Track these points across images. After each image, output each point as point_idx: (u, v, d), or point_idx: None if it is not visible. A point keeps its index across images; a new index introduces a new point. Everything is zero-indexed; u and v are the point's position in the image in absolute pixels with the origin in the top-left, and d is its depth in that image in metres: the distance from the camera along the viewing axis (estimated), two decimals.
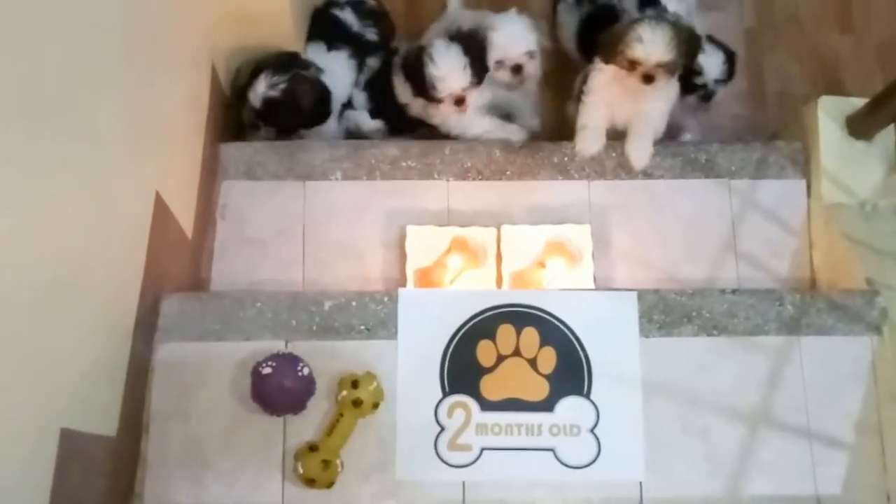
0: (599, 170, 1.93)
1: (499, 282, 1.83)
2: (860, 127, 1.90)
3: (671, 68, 1.77)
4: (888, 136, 1.90)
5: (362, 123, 2.11)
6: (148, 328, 1.56)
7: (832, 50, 2.38)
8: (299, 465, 1.50)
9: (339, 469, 1.50)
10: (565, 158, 1.93)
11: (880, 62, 2.36)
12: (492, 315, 1.62)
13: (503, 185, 1.93)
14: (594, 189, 1.92)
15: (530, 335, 1.61)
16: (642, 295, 1.64)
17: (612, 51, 1.78)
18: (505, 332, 1.61)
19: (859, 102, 1.91)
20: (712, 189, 1.93)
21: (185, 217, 1.72)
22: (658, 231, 1.90)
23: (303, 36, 2.09)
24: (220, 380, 1.56)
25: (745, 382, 1.60)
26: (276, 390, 1.50)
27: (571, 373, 1.59)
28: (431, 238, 1.86)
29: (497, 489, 1.54)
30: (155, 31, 1.53)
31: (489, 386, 1.58)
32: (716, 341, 1.62)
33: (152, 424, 1.54)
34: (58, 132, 1.15)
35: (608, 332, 1.62)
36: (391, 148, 1.95)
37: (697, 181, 1.93)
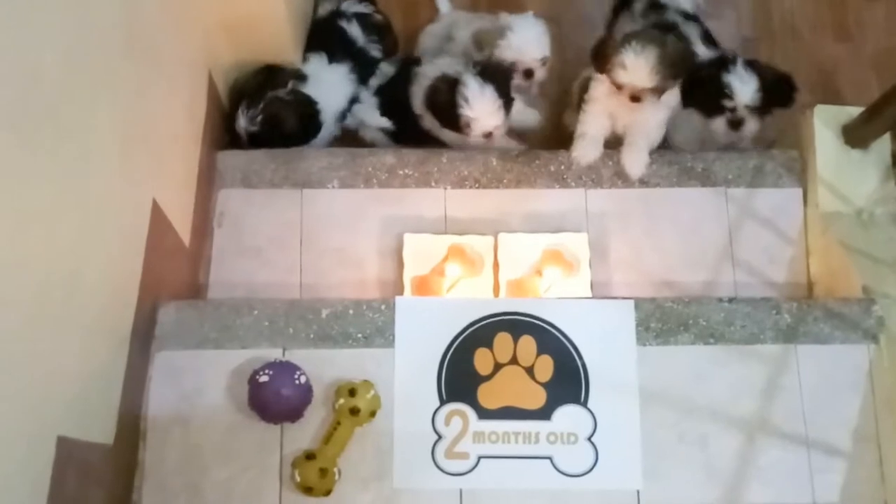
0: (596, 178, 1.93)
1: (496, 290, 1.83)
2: (856, 135, 1.90)
3: (658, 90, 1.78)
4: (884, 145, 1.91)
5: (369, 119, 2.09)
6: (145, 336, 1.56)
7: (829, 59, 2.39)
8: (297, 474, 1.49)
9: (337, 477, 1.50)
10: (562, 167, 1.93)
11: (876, 71, 2.37)
12: (489, 323, 1.62)
13: (500, 194, 1.92)
14: (591, 197, 1.92)
15: (527, 343, 1.60)
16: (639, 303, 1.64)
17: (602, 67, 1.79)
18: (502, 341, 1.61)
19: (855, 111, 1.92)
20: (709, 197, 1.93)
21: (182, 225, 1.72)
22: (655, 239, 1.90)
23: (301, 45, 2.09)
24: (218, 388, 1.56)
25: (743, 391, 1.60)
26: (274, 398, 1.50)
27: (569, 381, 1.59)
28: (428, 246, 1.85)
29: (494, 497, 1.53)
30: (152, 40, 1.53)
31: (486, 394, 1.58)
32: (713, 350, 1.62)
33: (150, 432, 1.53)
34: (54, 140, 1.15)
35: (605, 341, 1.61)
36: (388, 156, 1.95)
37: (694, 190, 1.93)
